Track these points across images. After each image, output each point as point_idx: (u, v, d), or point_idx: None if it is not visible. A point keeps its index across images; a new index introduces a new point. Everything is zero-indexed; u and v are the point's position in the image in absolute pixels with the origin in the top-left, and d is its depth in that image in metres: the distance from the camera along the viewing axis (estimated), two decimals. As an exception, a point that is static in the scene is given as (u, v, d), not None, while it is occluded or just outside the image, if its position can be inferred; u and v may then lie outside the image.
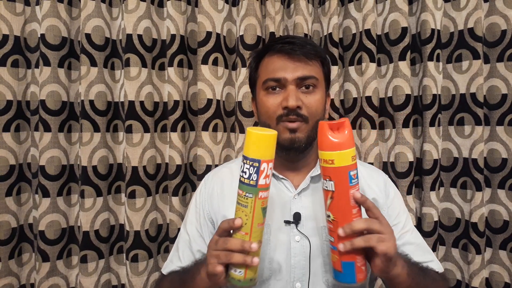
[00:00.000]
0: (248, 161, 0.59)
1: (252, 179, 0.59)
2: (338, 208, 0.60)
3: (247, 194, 0.59)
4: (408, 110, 1.11)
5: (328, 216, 0.61)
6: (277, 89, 0.75)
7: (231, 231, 0.61)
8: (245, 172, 0.59)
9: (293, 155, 0.78)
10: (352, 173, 0.59)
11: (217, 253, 0.60)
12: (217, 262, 0.59)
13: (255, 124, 1.17)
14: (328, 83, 0.82)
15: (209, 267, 0.60)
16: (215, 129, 1.16)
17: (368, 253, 0.61)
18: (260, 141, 0.59)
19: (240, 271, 0.59)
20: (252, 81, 0.83)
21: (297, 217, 0.75)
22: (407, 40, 1.11)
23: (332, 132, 0.59)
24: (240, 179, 0.60)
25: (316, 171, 0.79)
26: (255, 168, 0.58)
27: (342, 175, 0.59)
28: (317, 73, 0.77)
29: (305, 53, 0.75)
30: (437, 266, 0.80)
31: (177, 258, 0.82)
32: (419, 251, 0.78)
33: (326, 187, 0.60)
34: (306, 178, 0.79)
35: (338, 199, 0.59)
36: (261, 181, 0.58)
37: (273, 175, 0.79)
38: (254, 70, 0.82)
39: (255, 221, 0.59)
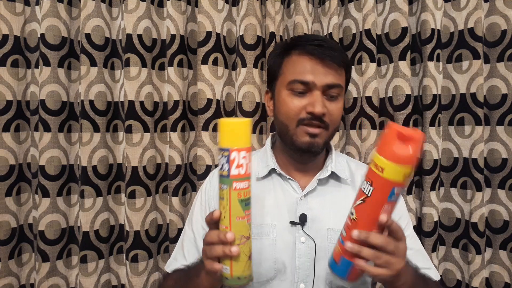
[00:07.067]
0: (220, 152, 0.57)
1: (224, 170, 0.56)
2: (364, 213, 0.58)
3: (222, 186, 0.57)
4: (408, 110, 1.11)
5: (352, 213, 0.59)
6: (303, 91, 0.75)
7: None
8: (220, 164, 0.57)
9: (307, 157, 0.79)
10: (396, 190, 0.55)
11: (204, 248, 0.60)
12: (206, 258, 0.59)
13: (255, 124, 1.17)
14: (346, 89, 0.82)
15: (205, 264, 0.60)
16: (215, 129, 1.16)
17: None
18: (229, 129, 0.57)
19: (226, 268, 0.57)
20: (273, 75, 0.81)
21: (303, 219, 0.75)
22: (407, 40, 1.11)
23: (399, 140, 0.54)
24: (218, 172, 0.59)
25: (323, 173, 0.79)
26: (226, 158, 0.56)
27: (384, 188, 0.55)
28: (342, 81, 0.77)
29: (335, 60, 0.74)
30: (434, 274, 0.79)
31: (182, 256, 0.81)
32: (418, 256, 0.78)
33: (364, 188, 0.58)
34: (313, 180, 0.79)
35: (368, 206, 0.57)
36: (234, 171, 0.56)
37: (280, 175, 0.80)
38: (278, 65, 0.79)
39: (232, 213, 0.56)
